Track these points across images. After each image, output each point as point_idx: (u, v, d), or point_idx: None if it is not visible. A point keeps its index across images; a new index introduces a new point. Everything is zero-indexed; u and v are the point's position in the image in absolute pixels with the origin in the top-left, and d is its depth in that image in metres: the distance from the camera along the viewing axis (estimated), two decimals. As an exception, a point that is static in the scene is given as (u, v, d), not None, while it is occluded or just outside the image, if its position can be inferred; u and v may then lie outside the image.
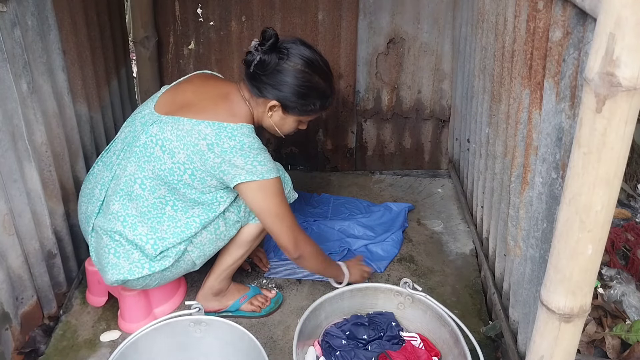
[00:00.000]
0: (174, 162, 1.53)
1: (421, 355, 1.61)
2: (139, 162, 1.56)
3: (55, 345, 1.73)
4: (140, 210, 1.58)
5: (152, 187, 1.56)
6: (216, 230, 1.64)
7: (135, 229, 1.57)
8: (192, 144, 1.51)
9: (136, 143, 1.58)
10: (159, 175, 1.55)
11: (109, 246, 1.59)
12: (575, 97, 1.11)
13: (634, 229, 2.07)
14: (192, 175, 1.54)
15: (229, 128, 1.52)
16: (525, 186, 1.43)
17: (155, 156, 1.54)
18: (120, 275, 1.58)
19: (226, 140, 1.51)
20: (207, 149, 1.51)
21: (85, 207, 1.69)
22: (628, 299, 1.78)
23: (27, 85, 1.59)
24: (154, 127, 1.56)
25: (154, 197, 1.57)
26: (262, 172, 1.53)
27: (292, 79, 1.57)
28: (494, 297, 1.79)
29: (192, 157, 1.52)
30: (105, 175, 1.64)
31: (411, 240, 2.22)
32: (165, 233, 1.58)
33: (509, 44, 1.52)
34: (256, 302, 1.83)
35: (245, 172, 1.52)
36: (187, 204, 1.59)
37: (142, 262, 1.58)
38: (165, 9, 2.39)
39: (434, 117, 2.60)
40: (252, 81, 1.60)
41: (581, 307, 0.96)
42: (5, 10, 1.47)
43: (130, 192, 1.57)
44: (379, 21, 2.40)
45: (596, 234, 0.88)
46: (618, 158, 0.82)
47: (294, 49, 1.58)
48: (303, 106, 1.63)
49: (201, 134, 1.51)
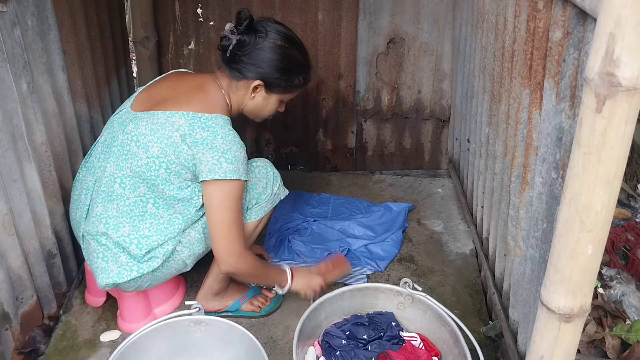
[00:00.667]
0: (148, 157, 1.52)
1: (421, 355, 1.61)
2: (117, 161, 1.56)
3: (55, 345, 1.73)
4: (121, 210, 1.56)
5: (132, 185, 1.55)
6: (204, 229, 1.63)
7: (117, 229, 1.56)
8: (165, 136, 1.50)
9: (114, 143, 1.58)
10: (136, 172, 1.54)
11: (97, 251, 1.59)
12: (575, 97, 1.11)
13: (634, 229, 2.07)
14: (167, 169, 1.52)
15: (203, 118, 1.51)
16: (525, 186, 1.43)
17: (131, 153, 1.54)
18: (110, 279, 1.58)
19: (199, 130, 1.50)
20: (180, 141, 1.50)
21: (74, 214, 1.69)
22: (628, 299, 1.78)
23: (27, 85, 1.59)
24: (130, 125, 1.56)
25: (135, 196, 1.56)
26: (225, 171, 1.49)
27: (273, 54, 1.58)
28: (494, 297, 1.79)
29: (165, 149, 1.51)
30: (88, 180, 1.64)
31: (411, 240, 2.22)
32: (148, 231, 1.57)
33: (509, 44, 1.52)
34: (256, 302, 1.82)
35: (208, 170, 1.49)
36: (167, 202, 1.57)
37: (130, 264, 1.58)
38: (165, 9, 2.39)
39: (434, 117, 2.60)
40: (231, 64, 1.59)
41: (581, 307, 0.96)
42: (5, 10, 1.47)
43: (111, 192, 1.56)
44: (379, 21, 2.40)
45: (596, 234, 0.88)
46: (618, 158, 0.82)
47: (270, 27, 1.59)
48: (286, 82, 1.63)
49: (175, 125, 1.50)
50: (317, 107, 2.56)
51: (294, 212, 2.31)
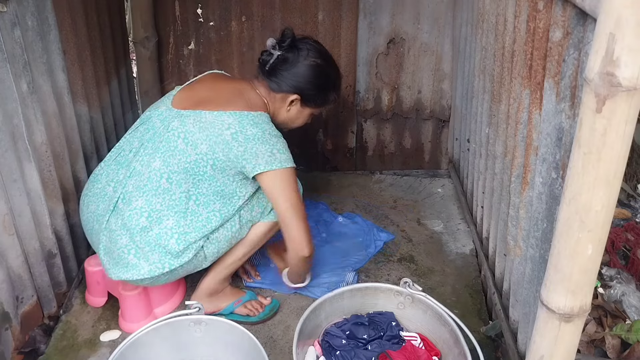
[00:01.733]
0: (197, 154, 1.58)
1: (421, 354, 1.62)
2: (164, 156, 1.59)
3: (55, 345, 1.73)
4: (166, 204, 1.59)
5: (179, 180, 1.59)
6: (232, 227, 1.67)
7: (161, 222, 1.59)
8: (215, 134, 1.57)
9: (159, 139, 1.62)
10: (185, 168, 1.58)
11: (128, 246, 1.59)
12: (575, 97, 1.11)
13: (634, 229, 2.07)
14: (214, 165, 1.58)
15: (250, 116, 1.60)
16: (526, 186, 1.43)
17: (179, 149, 1.59)
18: (141, 275, 1.59)
19: (249, 127, 1.58)
20: (231, 138, 1.57)
21: (94, 207, 1.67)
22: (628, 299, 1.78)
23: (27, 85, 1.59)
24: (175, 122, 1.61)
25: (180, 192, 1.59)
26: (280, 160, 1.58)
27: (312, 72, 1.71)
28: (494, 297, 1.79)
29: (214, 147, 1.57)
30: (120, 174, 1.65)
31: (411, 240, 2.22)
32: (188, 228, 1.60)
33: (509, 44, 1.52)
34: (250, 306, 1.82)
35: (265, 162, 1.57)
36: (209, 198, 1.62)
37: (162, 261, 1.59)
38: (165, 9, 2.39)
39: (434, 117, 2.60)
40: (271, 77, 1.71)
41: (581, 307, 0.96)
42: (5, 10, 1.47)
43: (157, 186, 1.59)
44: (379, 21, 2.40)
45: (596, 233, 0.88)
46: (618, 158, 0.82)
47: (310, 46, 1.72)
48: (322, 98, 1.77)
49: (224, 124, 1.58)
50: (317, 107, 2.56)
51: None
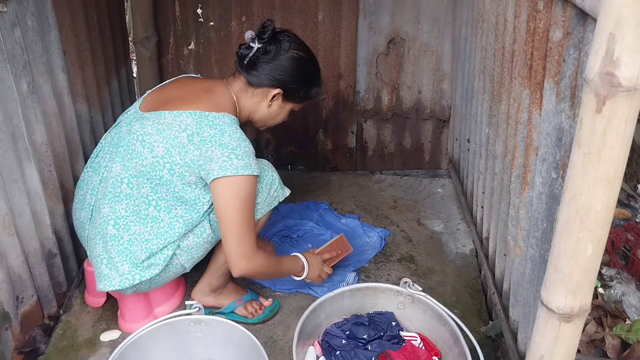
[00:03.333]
0: (153, 157, 1.51)
1: (421, 354, 1.62)
2: (123, 161, 1.56)
3: (55, 345, 1.73)
4: (131, 210, 1.56)
5: (138, 185, 1.55)
6: (202, 233, 1.62)
7: (128, 229, 1.56)
8: (172, 136, 1.50)
9: (120, 143, 1.58)
10: (141, 171, 1.53)
11: (101, 256, 1.59)
12: (575, 97, 1.11)
13: (634, 229, 2.07)
14: (171, 169, 1.51)
15: (210, 116, 1.52)
16: (526, 186, 1.43)
17: (136, 152, 1.54)
18: (112, 286, 1.58)
19: (207, 128, 1.49)
20: (187, 141, 1.49)
21: (78, 214, 1.68)
22: (628, 299, 1.78)
23: (27, 85, 1.59)
24: (137, 125, 1.57)
25: (141, 196, 1.56)
26: (237, 167, 1.47)
27: (295, 64, 1.62)
28: (494, 297, 1.79)
29: (171, 150, 1.50)
30: (94, 180, 1.64)
31: (411, 240, 2.22)
32: (149, 235, 1.56)
33: (509, 44, 1.52)
34: (250, 308, 1.81)
35: (219, 167, 1.47)
36: (169, 203, 1.56)
37: (132, 273, 1.57)
38: (165, 9, 2.39)
39: (434, 117, 2.60)
40: (250, 71, 1.61)
41: (581, 307, 0.96)
42: (5, 10, 1.47)
43: (119, 192, 1.56)
44: (379, 21, 2.40)
45: (596, 233, 0.88)
46: (618, 158, 0.82)
47: (292, 38, 1.64)
48: (305, 92, 1.69)
49: (182, 124, 1.50)
50: (317, 107, 2.56)
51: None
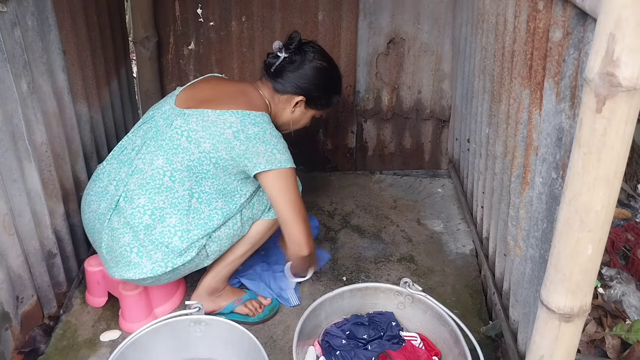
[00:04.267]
0: (200, 152, 1.59)
1: (421, 354, 1.62)
2: (167, 155, 1.60)
3: (55, 345, 1.73)
4: (169, 202, 1.60)
5: (182, 178, 1.60)
6: (234, 225, 1.68)
7: (164, 220, 1.59)
8: (217, 133, 1.58)
9: (162, 137, 1.62)
10: (188, 166, 1.59)
11: (131, 245, 1.59)
12: (575, 97, 1.11)
13: (634, 229, 2.07)
14: (217, 164, 1.59)
15: (252, 115, 1.62)
16: (526, 186, 1.43)
17: (182, 147, 1.59)
18: (143, 274, 1.59)
19: (250, 126, 1.60)
20: (232, 137, 1.58)
21: (96, 205, 1.67)
22: (628, 299, 1.78)
23: (27, 85, 1.59)
24: (179, 120, 1.62)
25: (183, 189, 1.60)
26: (280, 160, 1.59)
27: (317, 74, 1.74)
28: (494, 297, 1.79)
29: (217, 145, 1.58)
30: (122, 172, 1.65)
31: (411, 240, 2.22)
32: (190, 225, 1.61)
33: (509, 44, 1.52)
34: (250, 306, 1.82)
35: (265, 161, 1.58)
36: (211, 196, 1.63)
37: (165, 260, 1.59)
38: (165, 9, 2.38)
39: (434, 117, 2.60)
40: (277, 79, 1.73)
41: (581, 307, 0.96)
42: (5, 10, 1.47)
43: (160, 184, 1.60)
44: (379, 21, 2.40)
45: (596, 233, 0.88)
46: (618, 158, 0.82)
47: (316, 49, 1.76)
48: (326, 100, 1.80)
49: (227, 122, 1.59)
50: (317, 107, 2.56)
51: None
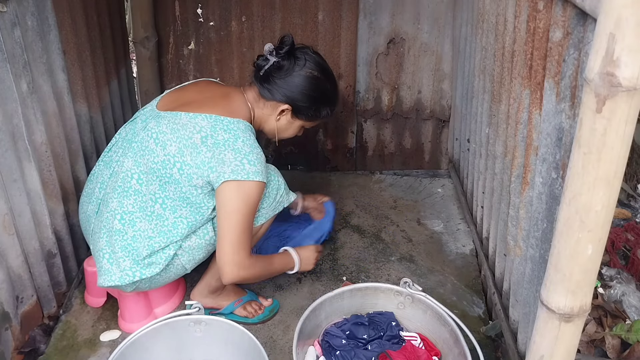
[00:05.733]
0: (165, 155, 1.52)
1: (421, 354, 1.62)
2: (136, 157, 1.57)
3: (55, 345, 1.73)
4: (138, 206, 1.57)
5: (147, 181, 1.56)
6: (205, 235, 1.62)
7: (134, 224, 1.57)
8: (185, 136, 1.51)
9: (135, 139, 1.60)
10: (151, 168, 1.54)
11: (103, 250, 1.59)
12: (575, 97, 1.11)
13: (634, 229, 2.07)
14: (181, 169, 1.51)
15: (225, 121, 1.53)
16: (526, 186, 1.43)
17: (149, 149, 1.55)
18: (111, 282, 1.58)
19: (221, 132, 1.51)
20: (200, 142, 1.50)
21: (86, 207, 1.69)
22: (628, 299, 1.78)
23: (27, 85, 1.59)
24: (152, 122, 1.58)
25: (149, 193, 1.56)
26: (248, 172, 1.48)
27: (307, 83, 1.62)
28: (494, 297, 1.79)
29: (183, 150, 1.51)
30: (104, 174, 1.65)
31: (411, 240, 2.22)
32: (152, 232, 1.57)
33: (509, 44, 1.52)
34: (249, 308, 1.81)
35: (231, 170, 1.47)
36: (175, 203, 1.56)
37: (133, 269, 1.57)
38: (165, 9, 2.38)
39: (434, 117, 2.60)
40: (263, 84, 1.62)
41: (581, 307, 0.96)
42: (5, 10, 1.47)
43: (128, 187, 1.57)
44: (379, 21, 2.40)
45: (596, 233, 0.88)
46: (618, 158, 0.82)
47: (309, 56, 1.63)
48: (314, 111, 1.67)
49: (197, 126, 1.52)
50: (317, 107, 2.56)
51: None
